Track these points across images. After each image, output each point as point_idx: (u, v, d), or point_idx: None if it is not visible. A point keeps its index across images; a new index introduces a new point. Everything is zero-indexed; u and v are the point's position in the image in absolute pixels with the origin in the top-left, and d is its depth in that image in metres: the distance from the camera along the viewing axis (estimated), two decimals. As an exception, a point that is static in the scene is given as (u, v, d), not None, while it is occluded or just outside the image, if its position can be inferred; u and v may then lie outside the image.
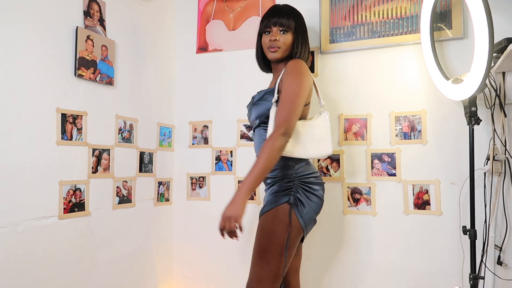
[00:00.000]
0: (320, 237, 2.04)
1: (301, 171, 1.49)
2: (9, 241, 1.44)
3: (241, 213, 1.30)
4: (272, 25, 1.57)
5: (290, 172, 1.49)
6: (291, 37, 1.58)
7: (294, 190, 1.46)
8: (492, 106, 1.74)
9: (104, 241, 1.87)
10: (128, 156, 2.04)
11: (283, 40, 1.56)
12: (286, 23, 1.56)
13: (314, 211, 1.48)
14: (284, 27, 1.56)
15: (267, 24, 1.58)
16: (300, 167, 1.50)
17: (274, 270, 1.40)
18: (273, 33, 1.57)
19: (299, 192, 1.46)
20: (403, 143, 1.94)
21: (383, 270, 1.94)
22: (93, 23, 1.81)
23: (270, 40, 1.57)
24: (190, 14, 2.41)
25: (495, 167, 1.72)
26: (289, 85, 1.45)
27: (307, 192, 1.47)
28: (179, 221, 2.37)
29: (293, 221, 1.42)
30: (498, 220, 1.76)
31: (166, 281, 2.31)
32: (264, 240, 1.44)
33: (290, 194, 1.45)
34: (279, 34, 1.57)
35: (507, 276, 1.73)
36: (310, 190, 1.48)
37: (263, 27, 1.60)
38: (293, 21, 1.58)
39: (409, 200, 1.91)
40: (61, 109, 1.66)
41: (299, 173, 1.49)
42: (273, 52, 1.57)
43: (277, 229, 1.42)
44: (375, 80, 2.00)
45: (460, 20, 1.83)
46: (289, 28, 1.57)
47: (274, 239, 1.41)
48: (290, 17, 1.57)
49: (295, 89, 1.44)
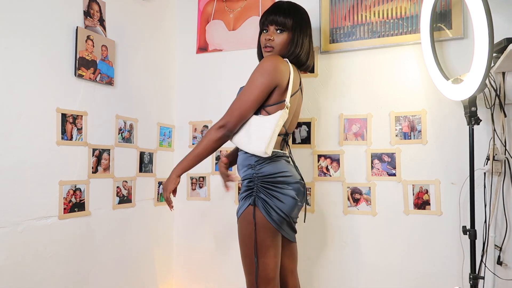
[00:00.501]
0: (320, 237, 2.04)
1: (264, 171, 1.44)
2: (9, 241, 1.44)
3: (169, 186, 1.51)
4: (269, 23, 1.54)
5: (251, 172, 1.46)
6: (287, 36, 1.53)
7: (255, 190, 1.43)
8: (492, 106, 1.74)
9: (104, 241, 1.87)
10: (128, 156, 2.04)
11: (277, 40, 1.53)
12: (283, 22, 1.52)
13: (285, 211, 1.42)
14: (280, 26, 1.52)
15: (265, 22, 1.56)
16: (263, 167, 1.44)
17: (262, 273, 1.40)
18: (270, 32, 1.54)
19: (261, 192, 1.42)
20: (403, 143, 1.94)
21: (383, 270, 1.94)
22: (93, 23, 1.81)
23: (265, 39, 1.54)
24: (190, 14, 2.41)
25: (495, 167, 1.72)
26: (247, 82, 1.46)
27: (272, 191, 1.42)
28: (179, 221, 2.37)
29: (260, 221, 1.40)
30: (498, 220, 1.76)
31: (166, 281, 2.31)
32: (242, 245, 1.45)
33: (252, 195, 1.43)
34: (275, 34, 1.53)
35: (507, 276, 1.73)
36: (276, 190, 1.42)
37: (261, 25, 1.58)
38: (291, 19, 1.52)
39: (409, 200, 1.91)
40: (61, 109, 1.66)
41: (261, 173, 1.44)
42: (267, 52, 1.55)
43: (247, 232, 1.42)
44: (375, 80, 2.00)
45: (460, 20, 1.83)
46: (285, 27, 1.52)
47: (248, 242, 1.42)
48: (288, 16, 1.53)
49: (247, 86, 1.45)
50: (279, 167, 1.46)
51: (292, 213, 1.46)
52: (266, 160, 1.45)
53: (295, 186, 1.46)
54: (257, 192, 1.42)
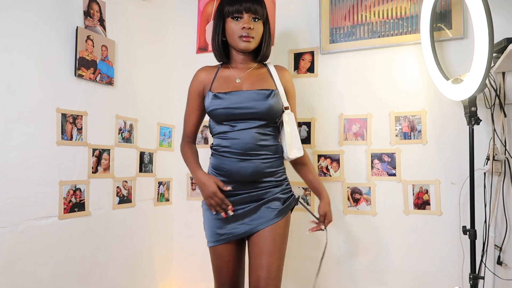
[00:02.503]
0: (320, 237, 2.04)
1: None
2: (9, 241, 1.44)
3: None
4: (244, 10, 1.43)
5: (284, 174, 1.58)
6: (262, 26, 1.48)
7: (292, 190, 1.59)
8: (492, 106, 1.74)
9: (104, 241, 1.87)
10: (128, 156, 2.04)
11: (257, 30, 1.46)
12: (260, 10, 1.44)
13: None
14: (257, 15, 1.44)
15: (239, 9, 1.43)
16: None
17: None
18: (245, 20, 1.43)
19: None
20: (403, 143, 1.94)
21: (383, 270, 1.94)
22: (93, 23, 1.81)
23: (244, 28, 1.43)
24: (190, 14, 2.41)
25: (495, 167, 1.72)
26: (294, 95, 1.59)
27: None
28: (179, 221, 2.37)
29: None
30: (498, 220, 1.76)
31: (166, 281, 2.31)
32: (281, 248, 1.48)
33: (293, 194, 1.56)
34: (252, 22, 1.44)
35: (507, 276, 1.73)
36: None
37: (232, 11, 1.44)
38: (265, 9, 1.48)
39: (409, 200, 1.91)
40: (61, 109, 1.66)
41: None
42: (246, 41, 1.45)
43: (285, 232, 1.51)
44: (375, 80, 2.00)
45: (460, 20, 1.83)
46: (261, 16, 1.46)
47: (285, 244, 1.51)
48: (262, 4, 1.47)
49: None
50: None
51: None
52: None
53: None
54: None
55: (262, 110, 1.43)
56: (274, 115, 1.46)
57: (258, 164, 1.43)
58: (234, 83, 1.49)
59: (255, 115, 1.43)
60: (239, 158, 1.43)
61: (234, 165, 1.43)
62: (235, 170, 1.43)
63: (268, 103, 1.43)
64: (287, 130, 1.48)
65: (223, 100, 1.44)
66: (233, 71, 1.53)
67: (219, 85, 1.50)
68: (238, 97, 1.44)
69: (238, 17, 1.44)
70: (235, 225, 1.45)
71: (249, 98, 1.43)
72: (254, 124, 1.43)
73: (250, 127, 1.43)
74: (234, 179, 1.44)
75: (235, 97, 1.44)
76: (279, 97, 1.48)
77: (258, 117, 1.43)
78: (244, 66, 1.54)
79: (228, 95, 1.45)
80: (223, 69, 1.56)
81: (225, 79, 1.51)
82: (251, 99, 1.43)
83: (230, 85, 1.49)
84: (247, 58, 1.54)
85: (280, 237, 1.44)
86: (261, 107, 1.42)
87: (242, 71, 1.53)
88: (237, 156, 1.43)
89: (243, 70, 1.53)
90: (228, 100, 1.44)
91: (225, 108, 1.44)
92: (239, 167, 1.43)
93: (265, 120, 1.44)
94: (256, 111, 1.42)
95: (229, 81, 1.50)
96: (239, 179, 1.44)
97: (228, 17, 1.46)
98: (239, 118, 1.44)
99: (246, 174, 1.43)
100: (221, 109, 1.44)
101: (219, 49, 1.53)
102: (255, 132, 1.43)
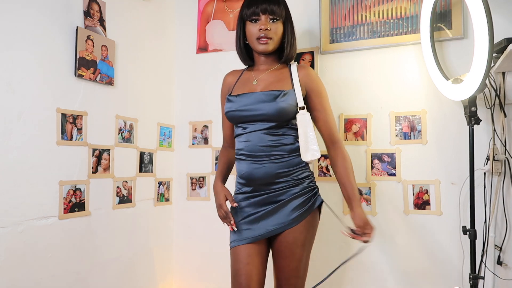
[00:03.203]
0: (320, 237, 2.04)
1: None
2: (9, 241, 1.44)
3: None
4: (261, 12, 1.41)
5: (308, 171, 1.52)
6: (282, 26, 1.45)
7: (317, 190, 1.56)
8: (492, 106, 1.74)
9: (104, 241, 1.87)
10: (128, 156, 2.04)
11: (275, 30, 1.43)
12: (277, 10, 1.41)
13: None
14: (275, 15, 1.41)
15: (255, 11, 1.41)
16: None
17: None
18: (262, 21, 1.41)
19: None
20: (403, 143, 1.94)
21: (383, 270, 1.94)
22: (93, 23, 1.81)
23: (261, 29, 1.41)
24: (190, 14, 2.41)
25: (495, 167, 1.72)
26: (324, 96, 1.48)
27: None
28: (179, 221, 2.37)
29: (317, 223, 1.57)
30: (498, 220, 1.76)
31: (166, 281, 2.31)
32: (303, 250, 1.49)
33: (317, 193, 1.56)
34: (270, 23, 1.42)
35: (507, 276, 1.73)
36: None
37: (250, 14, 1.43)
38: (283, 8, 1.45)
39: (409, 200, 1.91)
40: (61, 109, 1.66)
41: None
42: (264, 44, 1.43)
43: (309, 234, 1.52)
44: (375, 80, 2.00)
45: (460, 20, 1.83)
46: (280, 16, 1.43)
47: (310, 246, 1.55)
48: (280, 4, 1.44)
49: (328, 103, 1.50)
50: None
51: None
52: None
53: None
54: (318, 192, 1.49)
55: (269, 112, 1.39)
56: (284, 116, 1.41)
57: (270, 165, 1.40)
58: (251, 85, 1.49)
59: (263, 116, 1.40)
60: (251, 160, 1.42)
61: (248, 167, 1.43)
62: (249, 172, 1.43)
63: (276, 104, 1.39)
64: (300, 132, 1.43)
65: (234, 103, 1.45)
66: (253, 73, 1.52)
67: (238, 87, 1.51)
68: (247, 99, 1.43)
69: (256, 19, 1.43)
70: (253, 227, 1.44)
71: (257, 100, 1.42)
72: (263, 126, 1.41)
73: (259, 129, 1.41)
74: (251, 182, 1.45)
75: (245, 99, 1.44)
76: (290, 98, 1.41)
77: (267, 119, 1.40)
78: (265, 68, 1.52)
79: (239, 97, 1.45)
80: (247, 71, 1.56)
81: (244, 81, 1.52)
82: (259, 101, 1.41)
83: (246, 87, 1.49)
84: (269, 59, 1.52)
85: (296, 241, 1.41)
86: (267, 109, 1.39)
87: (262, 72, 1.51)
88: (249, 158, 1.43)
89: (263, 71, 1.51)
90: (238, 103, 1.44)
91: (235, 110, 1.44)
92: (252, 169, 1.42)
93: (274, 122, 1.40)
94: (263, 113, 1.40)
95: (247, 83, 1.50)
96: (254, 181, 1.44)
97: (247, 20, 1.46)
98: (248, 120, 1.43)
99: (258, 176, 1.42)
100: (232, 112, 1.45)
101: (242, 53, 1.54)
102: (264, 134, 1.41)
